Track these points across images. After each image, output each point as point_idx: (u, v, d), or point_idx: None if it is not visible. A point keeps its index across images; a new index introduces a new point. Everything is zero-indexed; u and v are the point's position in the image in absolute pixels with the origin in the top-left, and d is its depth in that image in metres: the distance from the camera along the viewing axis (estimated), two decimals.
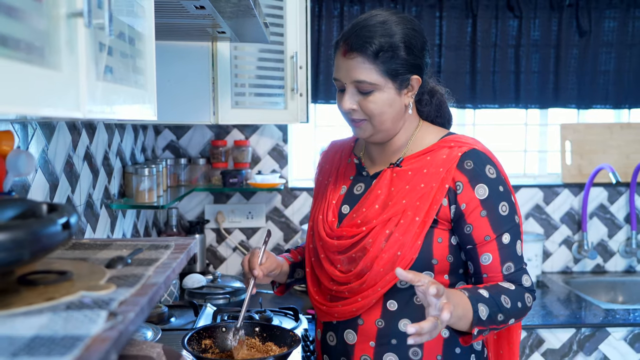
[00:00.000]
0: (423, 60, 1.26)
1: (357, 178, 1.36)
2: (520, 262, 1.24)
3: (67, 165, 1.53)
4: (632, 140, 2.71)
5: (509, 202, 1.23)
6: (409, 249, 1.21)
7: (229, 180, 2.37)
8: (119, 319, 0.59)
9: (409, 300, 1.24)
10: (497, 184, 1.22)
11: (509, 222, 1.22)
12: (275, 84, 2.08)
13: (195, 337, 1.31)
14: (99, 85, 0.77)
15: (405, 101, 1.26)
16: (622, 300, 2.59)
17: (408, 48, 1.22)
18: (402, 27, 1.23)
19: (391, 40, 1.21)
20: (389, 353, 1.25)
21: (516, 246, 1.23)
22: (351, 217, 1.30)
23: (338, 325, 1.31)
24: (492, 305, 1.15)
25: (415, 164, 1.28)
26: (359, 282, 1.24)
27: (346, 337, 1.29)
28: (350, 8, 2.52)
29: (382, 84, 1.22)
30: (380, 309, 1.25)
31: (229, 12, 1.36)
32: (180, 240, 1.00)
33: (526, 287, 1.23)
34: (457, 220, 1.23)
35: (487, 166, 1.23)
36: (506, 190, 1.24)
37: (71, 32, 0.68)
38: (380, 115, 1.24)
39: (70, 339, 0.54)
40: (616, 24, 2.62)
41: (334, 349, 1.32)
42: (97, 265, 0.82)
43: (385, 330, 1.25)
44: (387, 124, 1.26)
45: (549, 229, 2.67)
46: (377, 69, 1.21)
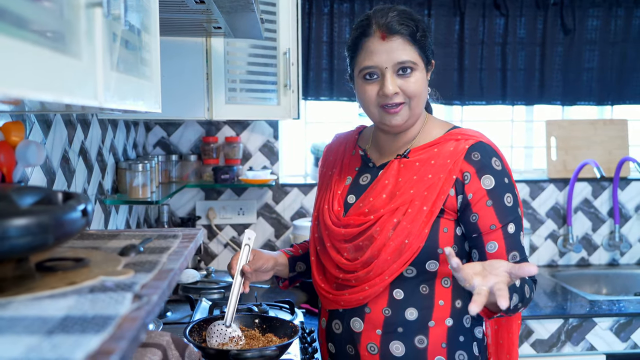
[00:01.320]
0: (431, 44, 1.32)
1: (362, 169, 1.39)
2: (524, 252, 1.27)
3: (64, 160, 1.53)
4: (614, 136, 2.77)
5: (513, 194, 1.26)
6: (415, 237, 1.23)
7: (220, 176, 2.38)
8: (145, 300, 0.61)
9: (414, 289, 1.27)
10: (502, 175, 1.26)
11: (513, 212, 1.25)
12: (268, 80, 2.09)
13: (196, 328, 1.32)
14: (113, 76, 0.79)
15: (426, 84, 1.32)
16: (606, 292, 2.65)
17: (430, 33, 1.30)
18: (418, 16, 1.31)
19: (421, 24, 1.28)
20: (395, 341, 1.27)
21: (520, 236, 1.26)
22: (358, 207, 1.32)
23: (344, 314, 1.32)
24: (519, 294, 1.19)
25: (422, 155, 1.31)
26: (366, 271, 1.27)
27: (353, 325, 1.31)
28: (340, 5, 2.55)
29: (420, 63, 1.28)
30: (387, 297, 1.28)
31: (227, 6, 1.37)
32: (186, 231, 1.02)
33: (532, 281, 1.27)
34: (464, 209, 1.26)
35: (493, 158, 1.27)
36: (510, 183, 1.27)
37: (90, 22, 0.70)
38: (419, 97, 1.28)
39: (101, 318, 0.55)
40: (599, 23, 2.69)
41: (340, 336, 1.34)
42: (110, 253, 0.83)
43: (391, 318, 1.27)
44: (420, 106, 1.30)
45: (535, 224, 2.72)
46: (415, 48, 1.26)
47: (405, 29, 1.25)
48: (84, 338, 0.50)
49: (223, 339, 1.30)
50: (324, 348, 1.41)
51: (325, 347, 1.40)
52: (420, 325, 1.27)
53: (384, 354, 1.28)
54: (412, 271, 1.26)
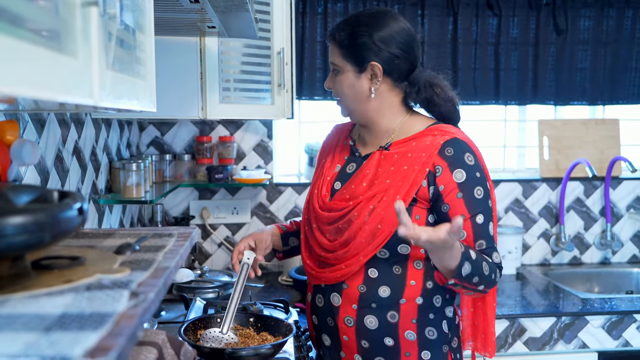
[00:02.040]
0: (387, 50, 1.39)
1: (350, 158, 1.50)
2: (492, 241, 1.37)
3: (58, 160, 1.53)
4: (606, 135, 2.79)
5: (484, 187, 1.36)
6: (388, 223, 1.33)
7: (214, 175, 2.38)
8: (141, 297, 0.61)
9: (388, 269, 1.38)
10: (474, 170, 1.35)
11: (482, 204, 1.35)
12: (262, 79, 2.09)
13: (191, 327, 1.33)
14: (108, 75, 0.79)
15: (366, 85, 1.41)
16: (598, 291, 2.67)
17: (368, 36, 1.38)
18: (368, 19, 1.41)
19: (354, 30, 1.40)
20: (369, 315, 1.39)
21: (488, 226, 1.36)
22: (341, 193, 1.44)
23: (325, 289, 1.44)
24: (474, 267, 1.28)
25: (401, 148, 1.41)
26: (344, 251, 1.38)
27: (332, 299, 1.43)
28: (333, 5, 2.55)
29: (346, 67, 1.42)
30: (363, 275, 1.39)
31: (222, 6, 1.37)
32: (181, 229, 1.02)
33: (496, 263, 1.36)
34: (435, 200, 1.36)
35: (467, 154, 1.36)
36: (482, 177, 1.37)
37: (86, 21, 0.70)
38: (344, 96, 1.44)
39: (98, 315, 0.55)
40: (591, 23, 2.70)
41: (322, 310, 1.46)
42: (106, 251, 0.83)
43: (366, 295, 1.38)
44: (352, 105, 1.44)
45: (528, 223, 2.74)
46: (339, 52, 1.42)
47: (337, 35, 1.42)
48: (82, 335, 0.51)
49: (218, 345, 1.30)
50: (309, 320, 1.54)
51: (310, 319, 1.52)
52: (392, 301, 1.37)
53: (359, 326, 1.40)
54: (385, 253, 1.37)
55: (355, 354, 1.42)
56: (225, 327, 1.34)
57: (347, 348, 1.43)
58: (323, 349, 1.50)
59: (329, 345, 1.47)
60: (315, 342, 1.54)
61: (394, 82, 1.42)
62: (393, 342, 1.38)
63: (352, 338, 1.41)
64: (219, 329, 1.34)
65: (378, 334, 1.38)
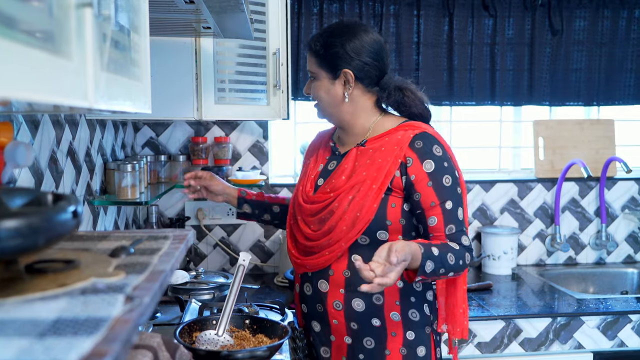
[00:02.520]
0: (358, 59, 1.52)
1: (331, 157, 1.64)
2: (461, 225, 1.47)
3: (52, 161, 1.52)
4: (601, 136, 2.80)
5: (453, 176, 1.47)
6: (366, 210, 1.46)
7: None
8: (137, 302, 0.61)
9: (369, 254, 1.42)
10: (442, 160, 1.47)
11: (451, 191, 1.46)
12: (258, 80, 2.09)
13: (186, 329, 1.32)
14: (103, 76, 0.78)
15: (340, 91, 1.54)
16: (593, 291, 2.68)
17: (341, 46, 1.52)
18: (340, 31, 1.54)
19: (328, 40, 1.54)
20: (356, 298, 1.50)
21: (457, 212, 1.47)
22: (324, 187, 1.57)
23: (313, 277, 1.56)
24: (437, 262, 1.37)
25: (376, 143, 1.54)
26: (327, 239, 1.50)
27: (320, 286, 1.54)
28: (329, 6, 2.55)
29: (321, 73, 1.55)
30: (347, 261, 1.51)
31: (217, 6, 1.36)
32: (177, 232, 1.01)
33: (465, 245, 1.45)
34: (408, 189, 1.48)
35: (435, 146, 1.48)
36: (450, 166, 1.48)
37: (80, 22, 0.69)
38: (319, 100, 1.58)
39: (93, 320, 0.55)
40: (586, 23, 2.71)
41: (311, 297, 1.57)
42: (100, 254, 0.83)
43: (351, 279, 1.50)
44: (328, 108, 1.58)
45: (523, 223, 2.74)
46: (315, 61, 1.56)
47: (313, 45, 1.56)
48: (77, 340, 0.50)
49: (214, 347, 1.29)
50: (298, 309, 1.64)
51: (300, 308, 1.63)
52: None
53: (347, 309, 1.51)
54: (366, 239, 1.48)
55: (345, 336, 1.53)
56: (220, 329, 1.33)
57: (337, 331, 1.54)
58: (313, 335, 1.60)
59: (319, 331, 1.57)
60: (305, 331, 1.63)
61: (365, 87, 1.55)
62: (380, 323, 1.50)
63: (342, 321, 1.52)
64: (215, 331, 1.34)
65: (366, 316, 1.50)
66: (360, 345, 1.52)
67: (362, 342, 1.52)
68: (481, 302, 2.19)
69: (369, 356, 1.52)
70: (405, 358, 1.52)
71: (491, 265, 2.61)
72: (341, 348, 1.55)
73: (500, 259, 2.59)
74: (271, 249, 2.62)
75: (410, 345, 1.52)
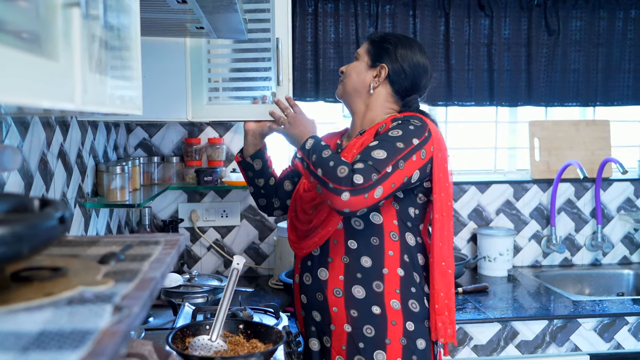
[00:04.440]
0: (400, 64, 1.61)
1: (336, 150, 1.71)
2: (368, 157, 1.41)
3: (42, 163, 1.49)
4: (597, 137, 2.79)
5: (407, 135, 1.47)
6: None
7: (203, 178, 2.35)
8: (125, 312, 0.59)
9: (366, 240, 1.52)
10: (411, 124, 1.50)
11: (387, 139, 1.46)
12: (259, 76, 2.04)
13: (179, 335, 1.30)
14: (91, 78, 0.76)
15: (368, 79, 1.62)
16: (589, 293, 2.67)
17: (393, 46, 1.62)
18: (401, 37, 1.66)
19: (386, 37, 1.66)
20: (356, 285, 1.53)
21: (375, 150, 1.43)
22: None
23: (312, 266, 1.59)
24: (316, 149, 1.47)
25: (372, 130, 1.60)
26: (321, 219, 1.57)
27: (319, 274, 1.57)
28: (324, 5, 2.53)
29: (362, 55, 1.66)
30: (344, 247, 1.54)
31: (210, 6, 1.34)
32: (169, 236, 0.99)
33: (352, 166, 1.40)
34: None
35: (415, 120, 1.52)
36: (413, 131, 1.48)
37: (67, 22, 0.67)
38: (348, 77, 1.66)
39: (79, 332, 0.53)
40: (583, 24, 2.70)
41: (311, 287, 1.60)
42: (89, 261, 0.80)
43: (350, 265, 1.53)
44: (350, 88, 1.65)
45: (519, 224, 2.73)
46: (367, 47, 1.67)
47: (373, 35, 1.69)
48: (61, 355, 0.48)
49: (207, 353, 1.27)
50: (297, 300, 1.67)
51: (299, 299, 1.65)
52: (375, 271, 1.52)
53: (347, 296, 1.53)
54: (360, 223, 1.52)
55: (345, 324, 1.54)
56: (214, 334, 1.31)
57: (337, 320, 1.55)
58: (314, 325, 1.62)
59: (320, 320, 1.59)
60: (302, 324, 1.67)
61: (392, 91, 1.63)
62: (380, 311, 1.51)
63: (342, 309, 1.53)
64: (208, 337, 1.31)
65: (366, 303, 1.51)
66: (360, 334, 1.52)
67: (362, 330, 1.52)
68: (477, 304, 2.18)
69: (369, 344, 1.52)
70: (405, 348, 1.52)
71: (487, 267, 2.59)
72: (341, 337, 1.55)
73: (496, 260, 2.58)
74: (266, 251, 2.60)
75: (410, 337, 1.53)
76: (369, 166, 1.40)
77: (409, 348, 1.52)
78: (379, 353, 1.51)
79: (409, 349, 1.52)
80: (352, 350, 1.53)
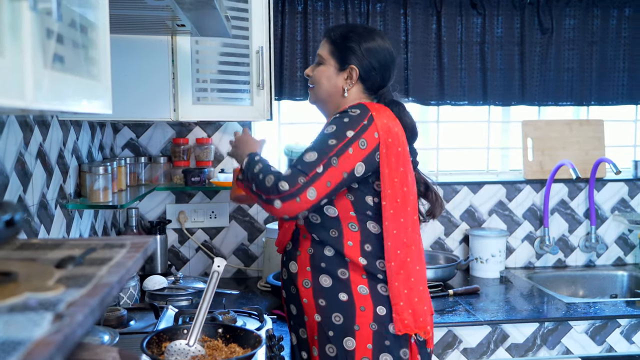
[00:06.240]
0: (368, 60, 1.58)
1: None
2: (297, 163, 1.43)
3: (18, 164, 1.46)
4: (590, 137, 2.76)
5: (340, 129, 1.46)
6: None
7: (190, 179, 2.31)
8: (66, 321, 0.55)
9: (326, 232, 1.54)
10: (347, 116, 1.49)
11: (322, 138, 1.47)
12: (240, 79, 2.03)
13: (155, 339, 1.26)
14: (46, 74, 0.73)
15: (340, 83, 1.60)
16: (582, 294, 2.64)
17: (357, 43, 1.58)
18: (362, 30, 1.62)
19: (347, 33, 1.61)
20: (323, 274, 1.54)
21: (307, 154, 1.44)
22: None
23: (286, 261, 1.63)
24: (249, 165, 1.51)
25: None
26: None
27: (290, 267, 1.61)
28: (314, 3, 2.50)
29: (327, 59, 1.62)
30: (310, 240, 1.56)
31: (187, 3, 1.31)
32: (136, 239, 0.96)
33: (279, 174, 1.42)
34: None
35: (354, 109, 1.50)
36: (350, 124, 1.47)
37: (15, 16, 0.64)
38: (318, 85, 1.63)
39: (10, 343, 0.49)
40: (576, 22, 2.67)
41: (286, 281, 1.63)
42: (46, 265, 0.77)
43: (315, 255, 1.55)
44: (322, 94, 1.63)
45: (512, 225, 2.69)
46: (329, 48, 1.62)
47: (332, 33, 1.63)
48: None
49: (184, 358, 1.24)
50: (282, 297, 1.70)
51: (282, 295, 1.68)
52: (338, 260, 1.53)
53: (315, 286, 1.54)
54: (317, 218, 1.53)
55: (315, 314, 1.55)
56: (192, 338, 1.28)
57: (308, 310, 1.56)
58: (292, 318, 1.64)
59: (296, 313, 1.62)
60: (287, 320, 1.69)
61: (365, 89, 1.61)
62: (347, 297, 1.51)
63: (311, 299, 1.55)
64: (186, 341, 1.28)
65: (332, 291, 1.52)
66: (329, 322, 1.52)
67: (331, 319, 1.52)
68: (468, 306, 2.15)
69: (339, 332, 1.51)
70: (375, 334, 1.50)
71: (479, 269, 2.56)
72: (313, 327, 1.56)
73: (488, 261, 2.55)
74: (255, 252, 2.56)
75: (382, 321, 1.50)
76: (296, 170, 1.42)
77: (380, 333, 1.50)
78: (348, 340, 1.51)
79: (380, 334, 1.50)
80: (323, 340, 1.53)
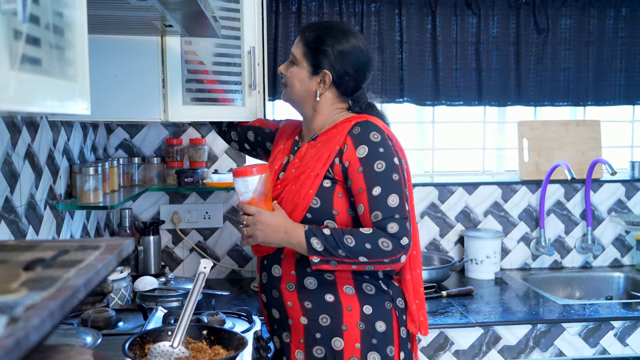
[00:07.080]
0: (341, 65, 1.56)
1: (292, 150, 1.70)
2: (390, 213, 1.43)
3: (6, 165, 1.46)
4: (587, 137, 2.74)
5: (388, 161, 1.47)
6: (303, 197, 1.51)
7: (184, 179, 2.31)
8: (20, 324, 0.55)
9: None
10: (378, 146, 1.48)
11: (382, 177, 1.45)
12: (232, 80, 2.02)
13: (138, 341, 1.26)
14: (14, 76, 0.72)
15: (313, 87, 1.59)
16: (579, 296, 2.62)
17: (331, 47, 1.55)
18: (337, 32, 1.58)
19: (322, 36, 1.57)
20: (308, 277, 1.53)
21: (388, 199, 1.44)
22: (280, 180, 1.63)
23: (267, 265, 1.60)
24: (330, 242, 1.42)
25: (324, 136, 1.58)
26: None
27: (273, 271, 1.59)
28: (308, 3, 2.49)
29: (300, 61, 1.60)
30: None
31: (172, 4, 1.31)
32: (113, 241, 0.95)
33: (390, 233, 1.42)
34: (345, 176, 1.50)
35: (373, 132, 1.49)
36: (387, 152, 1.48)
37: None
38: (291, 86, 1.62)
39: None
40: (572, 22, 2.65)
41: (267, 285, 1.61)
42: (14, 267, 0.77)
43: (302, 259, 1.52)
44: (295, 96, 1.63)
45: (508, 226, 2.68)
46: (302, 49, 1.60)
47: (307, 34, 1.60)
48: None
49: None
50: (260, 300, 1.68)
51: (261, 299, 1.66)
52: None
53: (300, 289, 1.53)
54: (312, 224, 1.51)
55: (301, 316, 1.54)
56: (176, 340, 1.27)
57: (293, 314, 1.55)
58: (275, 323, 1.63)
59: (279, 317, 1.60)
60: (268, 324, 1.68)
61: (339, 94, 1.60)
62: (334, 298, 1.52)
63: (295, 302, 1.54)
64: (170, 343, 1.28)
65: (318, 293, 1.52)
66: (316, 325, 1.52)
67: (317, 321, 1.52)
68: (461, 308, 2.13)
69: (326, 333, 1.51)
70: (363, 333, 1.51)
71: (474, 270, 2.55)
72: (298, 330, 1.55)
73: (483, 263, 2.53)
74: (249, 253, 2.56)
75: (369, 320, 1.51)
76: (400, 220, 1.44)
77: (367, 332, 1.51)
78: (337, 340, 1.51)
79: (367, 333, 1.51)
80: (310, 342, 1.53)
